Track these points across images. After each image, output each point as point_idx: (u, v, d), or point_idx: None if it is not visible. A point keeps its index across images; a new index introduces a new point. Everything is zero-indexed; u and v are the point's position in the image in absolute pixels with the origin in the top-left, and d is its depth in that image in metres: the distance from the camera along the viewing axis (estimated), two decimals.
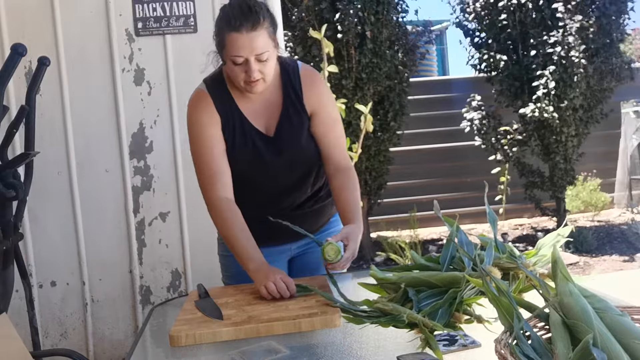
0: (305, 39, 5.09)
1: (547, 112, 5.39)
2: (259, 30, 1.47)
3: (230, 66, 1.52)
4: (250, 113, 1.63)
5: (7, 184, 2.00)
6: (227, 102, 1.62)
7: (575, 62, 5.22)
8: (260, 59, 1.49)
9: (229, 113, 1.61)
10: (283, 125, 1.62)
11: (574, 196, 6.69)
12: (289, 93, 1.63)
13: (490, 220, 1.32)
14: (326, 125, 1.66)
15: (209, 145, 1.60)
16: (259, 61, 1.49)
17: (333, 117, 1.69)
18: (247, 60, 1.48)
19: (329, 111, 1.68)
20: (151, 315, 1.55)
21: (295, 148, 1.63)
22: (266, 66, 1.51)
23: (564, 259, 0.89)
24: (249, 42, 1.46)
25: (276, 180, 1.67)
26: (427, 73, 10.11)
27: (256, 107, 1.63)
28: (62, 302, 2.83)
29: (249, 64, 1.49)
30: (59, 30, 2.75)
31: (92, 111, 2.79)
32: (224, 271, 1.86)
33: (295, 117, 1.63)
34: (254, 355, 1.13)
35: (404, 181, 6.71)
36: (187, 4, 2.78)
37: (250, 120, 1.62)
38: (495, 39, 5.81)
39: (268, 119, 1.63)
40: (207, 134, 1.60)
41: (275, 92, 1.63)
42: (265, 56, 1.49)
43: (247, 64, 1.49)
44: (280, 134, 1.62)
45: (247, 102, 1.62)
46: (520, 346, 0.80)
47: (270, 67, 1.53)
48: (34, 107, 2.17)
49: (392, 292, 1.28)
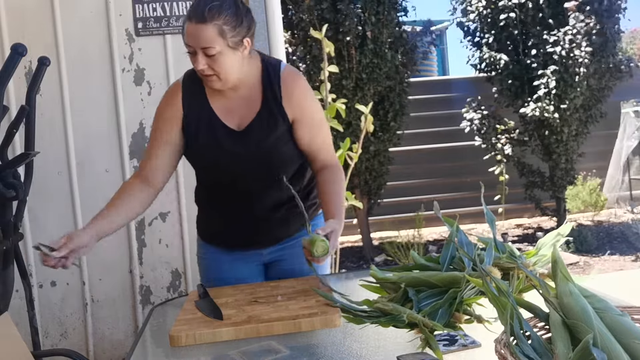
0: (306, 39, 5.10)
1: (547, 112, 5.39)
2: (207, 24, 1.47)
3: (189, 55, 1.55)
4: (220, 108, 1.63)
5: (7, 184, 2.00)
6: (198, 96, 1.63)
7: (579, 61, 5.22)
8: (207, 53, 1.49)
9: (198, 106, 1.63)
10: (255, 122, 1.60)
11: (574, 196, 6.69)
12: (267, 94, 1.61)
13: (489, 221, 1.32)
14: (311, 131, 1.65)
15: (157, 137, 1.65)
16: (206, 55, 1.50)
17: (317, 121, 1.67)
18: (195, 51, 1.50)
19: (312, 116, 1.65)
20: (151, 315, 1.55)
21: (263, 144, 1.60)
22: (215, 62, 1.51)
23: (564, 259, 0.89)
24: (196, 32, 1.48)
25: (245, 178, 1.64)
26: (427, 73, 10.11)
27: (229, 104, 1.62)
28: (62, 302, 2.83)
29: (196, 56, 1.51)
30: (59, 30, 2.75)
31: (92, 111, 2.79)
32: (200, 273, 1.86)
33: (271, 118, 1.60)
34: (254, 355, 1.13)
35: (404, 181, 6.71)
36: (187, 4, 2.78)
37: (220, 115, 1.62)
38: (496, 38, 5.81)
39: (242, 117, 1.61)
40: (161, 127, 1.65)
41: (254, 92, 1.62)
42: (212, 52, 1.49)
43: (196, 55, 1.51)
44: (250, 129, 1.60)
45: (220, 99, 1.63)
46: (520, 346, 0.80)
47: (223, 65, 1.52)
48: (34, 107, 2.17)
49: (392, 292, 1.28)
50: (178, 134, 1.64)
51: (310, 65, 5.15)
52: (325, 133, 1.71)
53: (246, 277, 1.75)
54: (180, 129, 1.64)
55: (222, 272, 1.76)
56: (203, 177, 1.76)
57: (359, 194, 5.48)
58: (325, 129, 1.72)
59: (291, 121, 1.62)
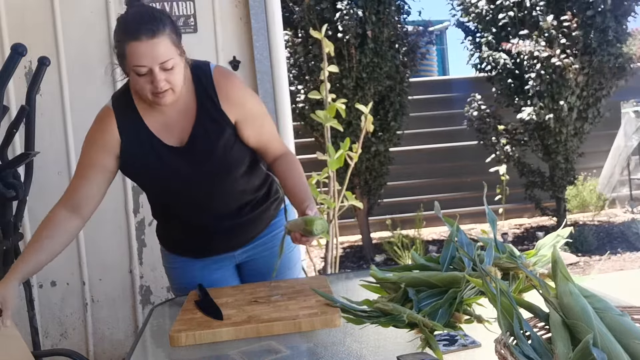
0: (306, 39, 5.10)
1: (542, 115, 5.38)
2: (159, 37, 1.39)
3: (134, 78, 1.44)
4: (158, 127, 1.54)
5: (7, 184, 2.00)
6: (132, 119, 1.54)
7: (570, 59, 5.21)
8: (165, 67, 1.41)
9: (134, 130, 1.53)
10: (197, 134, 1.53)
11: (574, 196, 6.69)
12: (202, 100, 1.53)
13: (490, 221, 1.32)
14: (257, 127, 1.60)
15: (89, 164, 1.56)
16: (164, 70, 1.41)
17: (260, 115, 1.62)
18: (151, 70, 1.40)
19: (254, 112, 1.60)
20: (151, 315, 1.55)
21: (210, 157, 1.54)
22: (172, 75, 1.43)
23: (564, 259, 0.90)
24: (150, 50, 1.38)
25: (200, 191, 1.59)
26: (427, 73, 10.11)
27: (166, 120, 1.54)
28: (62, 302, 2.83)
29: (154, 74, 1.40)
30: (59, 30, 2.75)
31: (92, 111, 2.76)
32: (171, 282, 1.84)
33: (212, 125, 1.53)
34: (254, 355, 1.13)
35: (404, 181, 6.71)
36: (187, 4, 2.78)
37: (158, 134, 1.54)
38: (496, 37, 5.81)
39: (181, 131, 1.54)
40: (93, 154, 1.55)
41: (188, 101, 1.54)
42: (170, 64, 1.41)
43: (152, 74, 1.41)
44: (194, 144, 1.53)
45: (155, 116, 1.54)
46: (520, 346, 0.80)
47: (177, 76, 1.44)
48: (34, 107, 2.18)
49: (392, 292, 1.28)
50: (112, 161, 1.55)
51: (310, 65, 5.15)
52: (270, 124, 1.66)
53: (220, 281, 1.72)
54: (116, 156, 1.55)
55: (195, 278, 1.71)
56: (156, 197, 1.70)
57: (359, 194, 5.47)
58: (268, 120, 1.66)
59: (234, 122, 1.55)
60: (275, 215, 1.76)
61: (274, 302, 1.41)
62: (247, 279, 1.79)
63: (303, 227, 1.43)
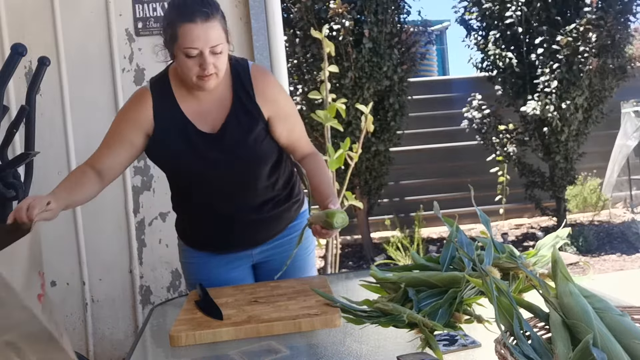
0: (305, 39, 5.10)
1: (548, 111, 5.38)
2: (213, 22, 1.44)
3: (182, 60, 1.47)
4: (193, 113, 1.58)
5: (7, 184, 2.00)
6: (168, 102, 1.58)
7: (585, 56, 5.20)
8: (215, 52, 1.46)
9: (169, 114, 1.57)
10: (229, 123, 1.57)
11: (574, 196, 6.69)
12: (239, 92, 1.58)
13: (483, 222, 1.32)
14: (289, 125, 1.65)
15: (118, 138, 1.60)
16: (213, 54, 1.46)
17: (292, 114, 1.68)
18: (201, 53, 1.45)
19: (286, 110, 1.65)
20: (151, 315, 1.55)
21: (240, 146, 1.57)
22: (219, 60, 1.48)
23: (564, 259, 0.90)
24: (204, 33, 1.43)
25: (226, 179, 1.61)
26: (427, 73, 10.11)
27: (201, 107, 1.58)
28: (62, 302, 2.83)
29: (203, 57, 1.45)
30: (59, 30, 2.75)
31: (92, 111, 2.79)
32: (186, 278, 1.84)
33: (245, 116, 1.58)
34: (254, 355, 1.13)
35: (404, 181, 6.71)
36: None
37: (193, 120, 1.58)
38: (502, 36, 5.80)
39: (214, 119, 1.58)
40: (124, 128, 1.60)
41: (224, 91, 1.59)
42: (220, 49, 1.46)
43: (202, 56, 1.45)
44: (225, 132, 1.57)
45: (191, 102, 1.58)
46: (520, 346, 0.80)
47: (223, 61, 1.50)
48: (34, 107, 2.18)
49: (392, 292, 1.28)
50: (141, 139, 1.59)
51: (309, 65, 5.15)
52: (300, 124, 1.71)
53: (236, 280, 1.73)
54: (145, 135, 1.59)
55: (211, 276, 1.72)
56: (180, 184, 1.72)
57: (359, 194, 5.47)
58: (299, 120, 1.70)
59: (267, 118, 1.60)
60: (294, 218, 1.78)
61: (274, 302, 1.41)
62: (262, 280, 1.79)
63: (324, 219, 1.45)
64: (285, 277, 1.63)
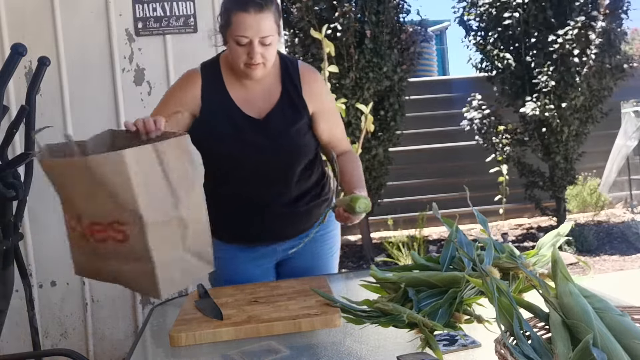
0: (305, 39, 5.10)
1: (548, 112, 5.38)
2: (265, 13, 1.50)
3: (232, 46, 1.53)
4: (240, 99, 1.63)
5: (7, 184, 2.00)
6: (217, 86, 1.63)
7: (582, 59, 5.21)
8: (264, 42, 1.51)
9: (216, 96, 1.62)
10: (274, 113, 1.62)
11: (574, 196, 6.69)
12: (287, 86, 1.64)
13: (481, 222, 1.32)
14: (330, 123, 1.71)
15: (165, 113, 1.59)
16: (262, 44, 1.51)
17: (334, 113, 1.75)
18: (251, 42, 1.50)
19: (330, 108, 1.72)
20: (151, 315, 1.55)
21: (282, 136, 1.62)
22: (268, 50, 1.53)
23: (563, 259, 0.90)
24: (256, 23, 1.48)
25: (265, 167, 1.64)
26: (427, 73, 10.10)
27: (249, 96, 1.63)
28: (62, 302, 2.83)
29: (252, 46, 1.50)
30: (59, 30, 2.75)
31: (92, 111, 2.79)
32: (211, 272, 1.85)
33: (290, 109, 1.63)
34: (254, 355, 1.13)
35: (404, 181, 6.71)
36: (187, 4, 2.78)
37: (239, 105, 1.62)
38: (500, 37, 5.80)
39: (260, 108, 1.63)
40: (172, 105, 1.63)
41: (273, 83, 1.64)
42: (269, 40, 1.51)
43: (251, 45, 1.50)
44: (269, 120, 1.62)
45: (239, 89, 1.63)
46: (520, 346, 0.80)
47: (272, 52, 1.55)
48: (34, 107, 2.17)
49: (392, 292, 1.28)
50: (187, 118, 1.63)
51: None
52: (341, 123, 1.78)
53: (259, 277, 1.75)
54: (191, 115, 1.62)
55: (237, 272, 1.75)
56: (218, 169, 1.70)
57: None
58: (340, 120, 1.78)
59: (311, 113, 1.65)
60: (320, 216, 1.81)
61: (274, 302, 1.41)
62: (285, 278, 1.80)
63: (347, 203, 1.48)
64: (307, 274, 1.69)
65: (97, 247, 1.21)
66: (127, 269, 1.19)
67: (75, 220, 1.24)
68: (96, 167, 1.11)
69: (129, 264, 1.18)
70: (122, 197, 1.12)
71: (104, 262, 1.22)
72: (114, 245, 1.17)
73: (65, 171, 1.21)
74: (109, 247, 1.18)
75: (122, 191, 1.12)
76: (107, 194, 1.13)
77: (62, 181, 1.24)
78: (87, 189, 1.16)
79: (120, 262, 1.19)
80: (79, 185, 1.17)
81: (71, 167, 1.19)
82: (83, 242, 1.23)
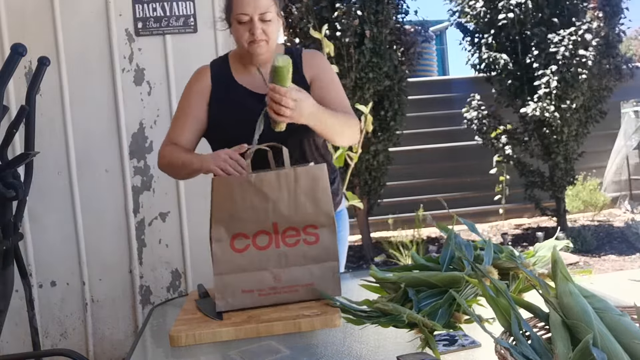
0: (305, 39, 5.09)
1: (548, 112, 5.39)
2: None
3: (235, 28, 1.64)
4: (245, 82, 1.72)
5: (7, 184, 2.00)
6: (224, 74, 1.74)
7: (583, 61, 5.22)
8: (264, 19, 1.60)
9: (225, 82, 1.73)
10: None
11: (574, 196, 6.69)
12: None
13: (470, 228, 1.33)
14: (325, 85, 1.72)
15: (188, 112, 1.74)
16: (262, 21, 1.61)
17: (331, 80, 1.75)
18: (251, 19, 1.60)
19: (331, 79, 1.75)
20: (151, 315, 1.55)
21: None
22: (269, 27, 1.62)
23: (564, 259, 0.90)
24: (253, 0, 1.58)
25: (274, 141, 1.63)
26: (427, 73, 10.11)
27: (255, 83, 1.70)
28: (62, 302, 2.83)
29: (253, 23, 1.60)
30: (59, 30, 2.75)
31: (92, 111, 2.79)
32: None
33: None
34: (254, 355, 1.13)
35: (404, 181, 6.71)
36: (187, 4, 2.78)
37: (245, 86, 1.71)
38: (495, 38, 5.81)
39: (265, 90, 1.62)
40: (191, 101, 1.74)
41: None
42: (269, 16, 1.61)
43: (252, 22, 1.60)
44: None
45: (245, 76, 1.73)
46: (519, 346, 0.80)
47: (273, 29, 1.64)
48: (34, 107, 2.17)
49: (392, 292, 1.28)
50: (204, 109, 1.72)
51: None
52: (340, 91, 1.76)
53: None
54: (206, 104, 1.72)
55: None
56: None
57: (359, 194, 5.47)
58: (339, 88, 1.77)
59: (309, 82, 1.70)
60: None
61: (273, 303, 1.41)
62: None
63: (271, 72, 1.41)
64: None
65: (286, 252, 1.40)
66: (317, 269, 1.39)
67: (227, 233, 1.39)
68: (302, 178, 1.39)
69: (318, 264, 1.40)
70: (322, 202, 1.39)
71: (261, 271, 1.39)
72: (305, 248, 1.40)
73: (250, 187, 1.39)
74: (298, 251, 1.39)
75: (323, 196, 1.39)
76: (311, 200, 1.39)
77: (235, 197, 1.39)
78: (287, 198, 1.39)
79: (309, 263, 1.40)
80: (278, 195, 1.38)
81: (277, 179, 1.39)
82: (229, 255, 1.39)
